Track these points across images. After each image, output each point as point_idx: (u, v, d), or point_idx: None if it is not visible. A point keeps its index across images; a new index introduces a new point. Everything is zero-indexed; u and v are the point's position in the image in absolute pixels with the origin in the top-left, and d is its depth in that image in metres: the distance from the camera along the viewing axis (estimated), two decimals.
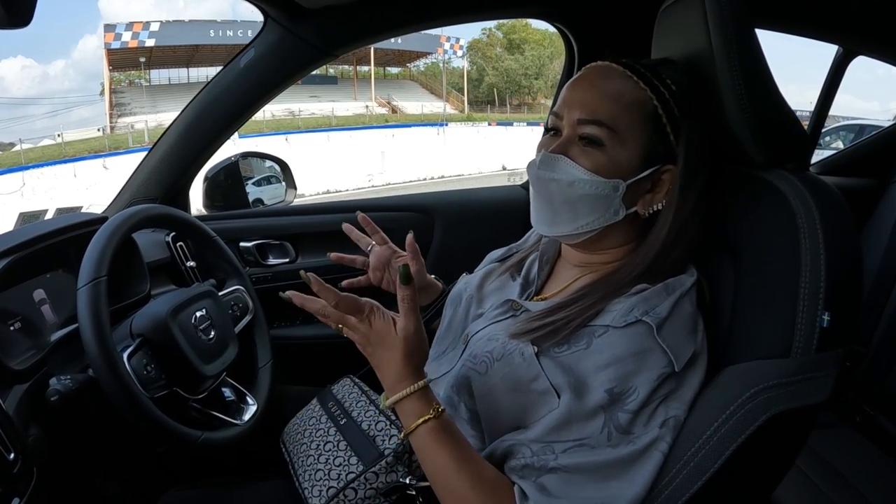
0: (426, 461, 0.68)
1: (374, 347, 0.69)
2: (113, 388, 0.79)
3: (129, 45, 30.93)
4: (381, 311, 0.69)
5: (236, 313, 1.09)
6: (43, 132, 28.82)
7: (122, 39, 30.72)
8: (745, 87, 0.69)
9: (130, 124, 27.41)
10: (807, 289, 0.62)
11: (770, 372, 0.62)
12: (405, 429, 0.68)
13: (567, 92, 0.75)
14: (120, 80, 35.49)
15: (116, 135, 27.43)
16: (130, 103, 31.98)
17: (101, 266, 0.85)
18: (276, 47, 1.20)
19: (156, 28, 30.90)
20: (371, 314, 0.69)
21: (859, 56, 1.74)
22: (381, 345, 0.68)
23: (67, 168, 19.46)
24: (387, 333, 0.68)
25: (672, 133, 0.72)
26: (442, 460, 0.65)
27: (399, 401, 0.68)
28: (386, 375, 0.69)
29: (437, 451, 0.66)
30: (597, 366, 0.64)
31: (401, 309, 0.68)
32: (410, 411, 0.67)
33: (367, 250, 0.99)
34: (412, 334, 0.67)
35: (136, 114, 29.45)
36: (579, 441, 0.63)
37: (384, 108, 37.06)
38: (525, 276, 0.86)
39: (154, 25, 30.93)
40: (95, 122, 32.73)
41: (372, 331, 0.68)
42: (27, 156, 22.61)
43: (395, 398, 0.68)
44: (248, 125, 10.16)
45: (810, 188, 0.67)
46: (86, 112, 39.35)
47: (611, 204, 0.73)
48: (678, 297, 0.68)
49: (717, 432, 0.61)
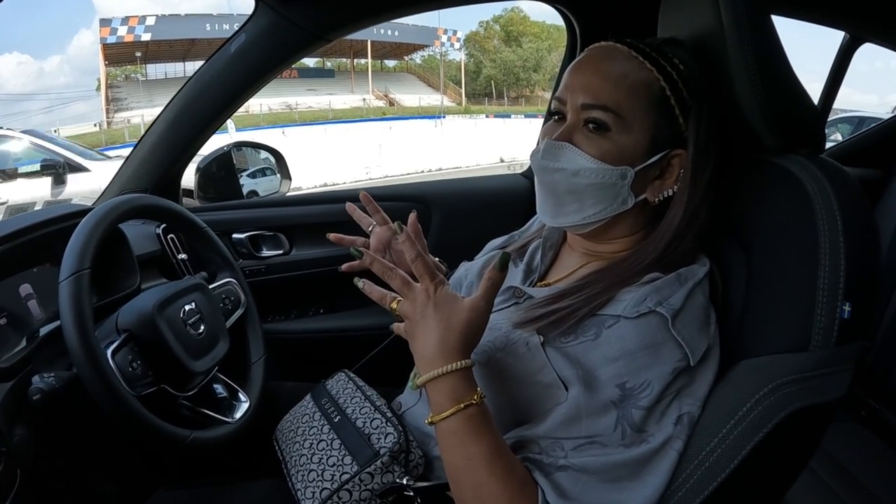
0: (456, 450, 0.61)
1: (429, 318, 0.62)
2: (96, 386, 0.76)
3: (125, 40, 30.96)
4: (447, 282, 0.65)
5: (228, 307, 1.05)
6: (39, 128, 28.67)
7: (117, 34, 30.74)
8: (758, 69, 0.66)
9: (127, 119, 27.44)
10: (826, 278, 0.59)
11: (788, 366, 0.59)
12: (438, 412, 0.61)
13: (570, 76, 0.72)
14: (116, 75, 35.49)
15: (113, 130, 27.48)
16: (127, 98, 31.98)
17: (84, 258, 0.81)
18: (268, 32, 1.16)
19: (152, 22, 30.92)
20: (441, 282, 0.64)
21: (865, 44, 1.72)
22: (439, 313, 0.62)
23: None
24: (453, 301, 0.63)
25: (681, 115, 0.69)
26: (477, 451, 0.60)
27: (441, 376, 0.61)
28: (429, 348, 0.62)
29: (474, 441, 0.60)
30: (606, 358, 0.61)
31: (481, 286, 0.63)
32: (451, 392, 0.61)
33: (368, 231, 0.95)
34: (480, 311, 0.63)
35: (132, 108, 29.47)
36: (590, 438, 0.60)
37: (381, 100, 37.09)
38: (528, 262, 0.83)
39: (150, 20, 30.95)
40: (92, 118, 32.74)
41: (436, 296, 0.62)
42: None
43: (437, 372, 0.61)
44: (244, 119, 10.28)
45: (826, 172, 0.65)
46: (82, 107, 39.23)
47: (619, 192, 0.69)
48: (691, 288, 0.65)
49: (733, 431, 0.58)
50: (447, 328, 0.62)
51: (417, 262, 0.63)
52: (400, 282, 0.64)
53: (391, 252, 0.91)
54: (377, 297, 0.66)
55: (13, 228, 0.92)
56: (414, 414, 0.82)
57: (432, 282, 0.63)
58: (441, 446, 0.63)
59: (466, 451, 0.60)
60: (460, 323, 0.62)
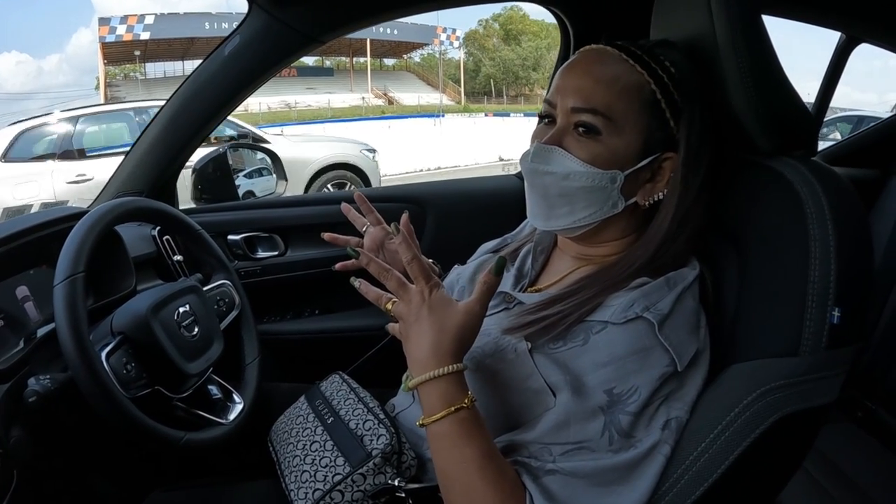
0: (446, 454, 0.61)
1: (423, 320, 0.62)
2: (90, 388, 0.76)
3: (124, 39, 30.92)
4: (442, 285, 0.65)
5: (222, 308, 1.05)
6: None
7: (116, 33, 30.70)
8: (750, 72, 0.66)
9: None
10: (816, 282, 0.59)
11: (777, 371, 0.59)
12: (430, 414, 0.61)
13: (560, 79, 0.72)
14: (115, 74, 35.45)
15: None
16: (126, 97, 31.86)
17: (79, 262, 0.82)
18: (262, 34, 1.16)
19: (150, 21, 30.86)
20: (436, 284, 0.64)
21: (861, 44, 1.71)
22: (434, 315, 0.62)
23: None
24: (447, 304, 0.62)
25: (672, 118, 0.69)
26: (468, 454, 0.60)
27: (433, 379, 0.61)
28: (422, 350, 0.62)
29: (466, 444, 0.60)
30: (594, 363, 0.61)
31: (477, 290, 0.63)
32: (442, 395, 0.61)
33: (363, 231, 0.95)
34: (475, 315, 0.63)
35: None
36: (578, 444, 0.60)
37: (381, 99, 37.03)
38: (519, 267, 0.83)
39: (149, 18, 30.91)
40: None
41: (431, 299, 0.62)
42: None
43: (429, 375, 0.61)
44: (243, 116, 10.19)
45: (818, 176, 0.64)
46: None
47: (609, 196, 0.69)
48: (680, 292, 0.64)
49: (722, 435, 0.58)
50: (441, 331, 0.61)
51: (413, 264, 0.63)
52: (395, 283, 0.64)
53: (384, 252, 0.91)
54: (373, 297, 0.66)
55: (10, 231, 0.93)
56: (408, 416, 0.82)
57: (427, 284, 0.63)
58: (432, 449, 0.63)
59: (458, 453, 0.60)
60: (454, 326, 0.62)
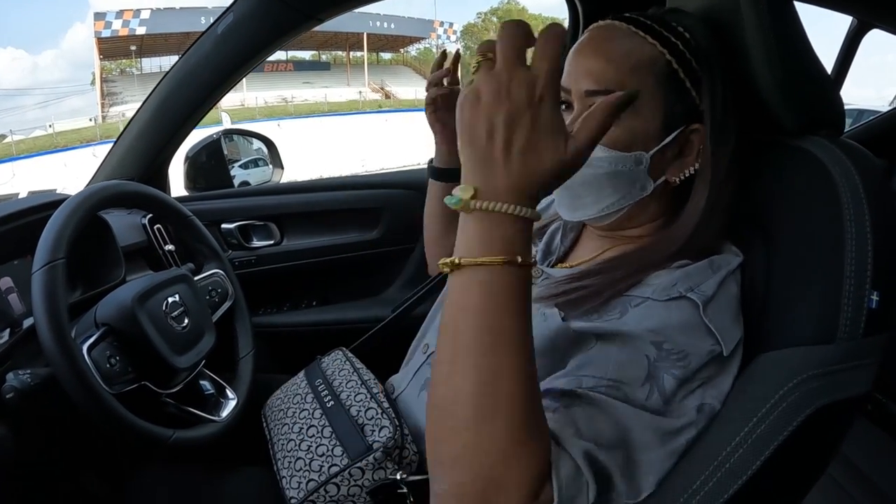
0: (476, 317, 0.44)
1: (521, 123, 0.43)
2: (70, 384, 0.72)
3: (120, 34, 30.87)
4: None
5: (214, 299, 1.01)
6: (34, 123, 28.72)
7: (112, 28, 30.64)
8: (776, 46, 0.61)
9: (122, 113, 27.33)
10: (853, 265, 0.55)
11: (813, 359, 0.54)
12: (481, 252, 0.44)
13: (571, 61, 0.67)
14: (111, 69, 35.35)
15: (108, 124, 27.41)
16: (122, 92, 31.84)
17: (58, 248, 0.77)
18: (256, 11, 1.10)
19: (146, 16, 30.81)
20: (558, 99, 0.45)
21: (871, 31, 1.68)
22: (537, 132, 0.43)
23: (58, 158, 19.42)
24: (560, 130, 0.44)
25: (693, 88, 0.64)
26: (509, 325, 0.44)
27: (506, 214, 0.44)
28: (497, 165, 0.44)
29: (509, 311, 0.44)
30: (639, 322, 0.55)
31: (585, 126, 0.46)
32: (509, 238, 0.44)
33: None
34: (576, 166, 0.46)
35: (127, 102, 29.35)
36: (614, 382, 0.52)
37: (378, 93, 36.99)
38: (547, 242, 0.79)
39: (144, 13, 30.86)
40: (87, 112, 32.69)
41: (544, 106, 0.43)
42: (18, 147, 22.52)
43: (506, 206, 0.43)
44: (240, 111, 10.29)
45: (850, 154, 0.60)
46: (77, 102, 38.94)
47: (636, 179, 0.65)
48: (724, 276, 0.59)
49: (757, 428, 0.53)
50: (538, 160, 0.44)
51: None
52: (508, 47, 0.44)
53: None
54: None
55: None
56: (407, 399, 0.77)
57: (552, 87, 0.44)
58: (449, 313, 0.46)
59: (494, 321, 0.44)
60: (555, 163, 0.44)
